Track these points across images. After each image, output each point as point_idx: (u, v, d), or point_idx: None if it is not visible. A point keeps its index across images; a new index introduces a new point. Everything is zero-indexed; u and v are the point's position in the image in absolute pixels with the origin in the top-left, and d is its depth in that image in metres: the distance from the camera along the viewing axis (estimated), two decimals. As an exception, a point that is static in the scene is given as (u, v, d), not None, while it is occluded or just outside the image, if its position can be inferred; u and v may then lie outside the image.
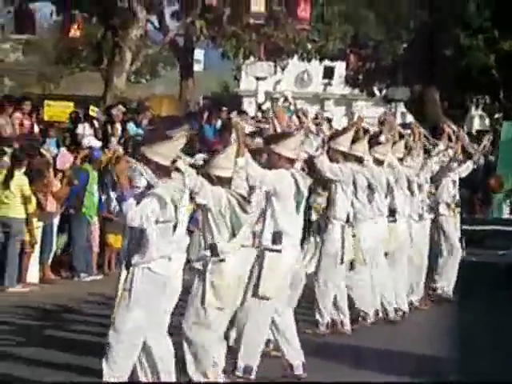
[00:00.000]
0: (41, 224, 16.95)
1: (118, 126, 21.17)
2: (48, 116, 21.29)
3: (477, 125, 33.84)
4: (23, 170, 16.28)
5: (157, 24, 26.83)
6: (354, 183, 12.86)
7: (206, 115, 24.27)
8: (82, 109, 21.99)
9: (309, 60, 30.51)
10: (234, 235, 9.65)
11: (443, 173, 15.70)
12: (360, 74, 30.91)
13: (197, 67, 32.05)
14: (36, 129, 19.77)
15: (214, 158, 9.70)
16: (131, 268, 9.22)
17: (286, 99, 30.42)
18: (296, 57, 29.20)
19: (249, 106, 35.10)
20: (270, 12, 22.20)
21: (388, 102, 33.88)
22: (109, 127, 21.02)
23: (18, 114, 19.34)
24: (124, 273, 9.26)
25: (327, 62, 34.32)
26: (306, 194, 10.88)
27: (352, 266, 13.32)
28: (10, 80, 28.57)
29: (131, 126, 21.30)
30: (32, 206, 16.52)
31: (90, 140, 19.76)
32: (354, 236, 13.03)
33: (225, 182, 9.48)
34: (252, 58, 28.96)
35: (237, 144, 9.78)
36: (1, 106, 19.16)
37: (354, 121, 19.57)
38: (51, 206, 16.99)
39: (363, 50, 29.45)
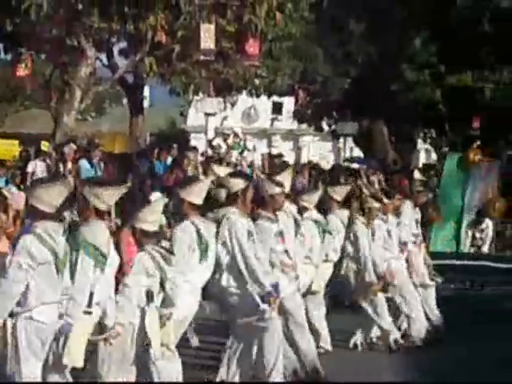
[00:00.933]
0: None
1: (69, 165, 21.12)
2: None
3: (423, 158, 33.46)
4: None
5: (105, 61, 26.86)
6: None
7: (156, 152, 24.40)
8: (29, 147, 22.61)
9: (257, 96, 30.57)
10: (163, 289, 9.94)
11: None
12: (308, 109, 30.57)
13: (146, 104, 32.33)
14: None
15: (140, 212, 9.75)
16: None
17: (235, 135, 31.06)
18: (244, 93, 29.03)
19: (197, 142, 34.99)
20: (220, 48, 21.97)
21: (336, 136, 33.55)
22: (61, 165, 21.09)
23: None
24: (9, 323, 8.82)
25: (275, 98, 33.94)
26: (211, 241, 10.98)
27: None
28: None
29: (84, 164, 21.19)
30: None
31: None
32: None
33: (150, 236, 9.57)
34: (201, 95, 28.89)
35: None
36: None
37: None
38: (4, 247, 17.23)
39: (311, 86, 29.07)
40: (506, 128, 27.60)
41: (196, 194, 10.21)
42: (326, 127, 32.93)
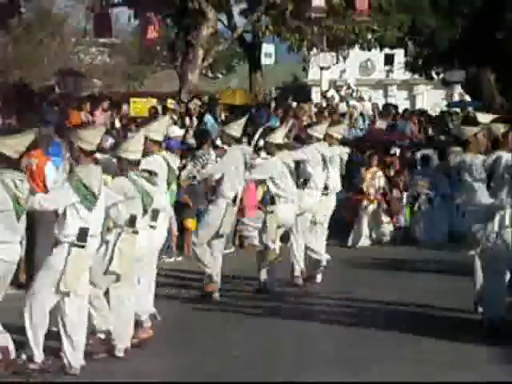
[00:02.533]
0: None
1: (195, 119, 21.82)
2: (134, 112, 22.08)
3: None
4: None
5: (226, 22, 27.70)
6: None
7: (273, 106, 24.83)
8: (161, 105, 22.58)
9: (369, 49, 30.26)
10: (145, 211, 10.55)
11: None
12: (418, 59, 30.32)
13: (268, 61, 31.68)
14: (117, 124, 20.26)
15: (124, 143, 10.45)
16: None
17: (348, 87, 31.52)
18: (357, 47, 29.00)
19: (316, 95, 35.19)
20: (330, 5, 21.71)
21: (446, 84, 33.65)
22: (187, 119, 21.76)
23: (98, 111, 19.83)
24: None
25: (387, 50, 34.04)
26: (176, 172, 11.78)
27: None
28: (98, 80, 28.54)
29: (209, 118, 21.91)
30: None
31: (174, 130, 19.60)
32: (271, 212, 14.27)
33: (133, 164, 10.22)
34: (315, 50, 29.25)
35: None
36: (85, 106, 19.69)
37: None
38: None
39: (420, 37, 28.81)
40: None
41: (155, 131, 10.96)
42: (435, 76, 33.25)
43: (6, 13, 21.33)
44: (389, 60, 35.06)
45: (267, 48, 30.34)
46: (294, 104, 24.98)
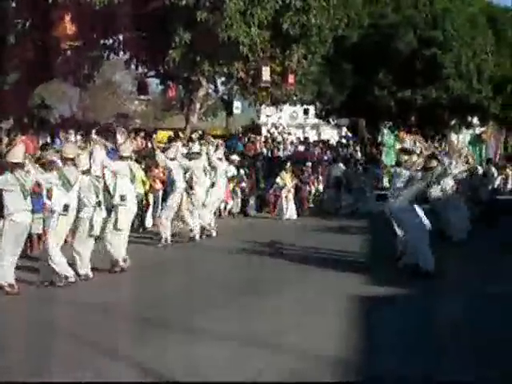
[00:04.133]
0: (152, 195, 16.97)
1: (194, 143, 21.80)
2: (158, 138, 21.45)
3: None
4: (142, 167, 16.29)
5: (213, 88, 26.85)
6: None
7: (239, 136, 25.55)
8: (174, 135, 21.02)
9: (295, 105, 30.11)
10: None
11: None
12: (322, 112, 29.97)
13: (237, 111, 31.74)
14: (149, 145, 19.23)
15: (10, 150, 9.80)
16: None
17: (283, 127, 31.48)
18: (287, 104, 28.30)
19: (264, 131, 34.58)
20: (273, 80, 20.40)
21: (338, 126, 33.24)
22: (189, 144, 19.85)
23: (138, 138, 19.74)
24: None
25: (305, 106, 32.03)
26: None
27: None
28: (138, 120, 28.73)
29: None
30: (146, 186, 16.60)
31: (181, 149, 18.47)
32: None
33: (18, 166, 9.49)
34: (264, 105, 28.42)
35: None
36: (130, 134, 18.11)
37: None
38: (158, 185, 16.95)
39: (323, 99, 27.95)
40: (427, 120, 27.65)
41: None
42: (331, 121, 31.69)
43: (86, 79, 20.79)
44: (306, 112, 34.56)
45: (236, 104, 30.12)
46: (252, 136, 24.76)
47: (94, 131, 12.80)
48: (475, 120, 29.64)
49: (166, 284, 10.24)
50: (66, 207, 10.02)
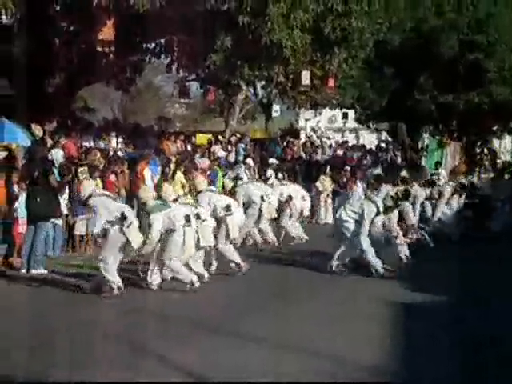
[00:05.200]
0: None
1: (234, 147, 21.68)
2: (198, 142, 22.16)
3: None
4: (182, 169, 16.24)
5: (252, 91, 27.16)
6: None
7: (279, 139, 25.13)
8: (214, 138, 22.71)
9: (334, 109, 30.41)
10: None
11: None
12: (362, 116, 29.28)
13: (275, 114, 31.66)
14: (189, 148, 20.09)
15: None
16: None
17: (321, 131, 31.45)
18: (327, 108, 28.83)
19: (302, 135, 34.48)
20: (312, 84, 20.67)
21: (377, 131, 32.69)
22: (229, 147, 21.73)
23: (178, 141, 19.74)
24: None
25: (344, 110, 32.91)
26: None
27: None
28: (178, 123, 28.95)
29: (241, 146, 21.78)
30: (186, 189, 15.60)
31: (220, 153, 20.33)
32: None
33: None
34: (303, 109, 28.94)
35: None
36: (170, 137, 19.32)
37: None
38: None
39: (363, 103, 27.39)
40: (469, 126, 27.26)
41: None
42: (371, 126, 31.06)
43: (128, 82, 21.13)
44: (345, 116, 34.21)
45: (275, 107, 30.05)
46: (291, 140, 24.78)
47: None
48: (518, 125, 29.49)
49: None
50: (187, 218, 10.07)
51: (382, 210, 11.32)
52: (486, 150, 27.91)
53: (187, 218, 10.14)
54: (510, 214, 16.26)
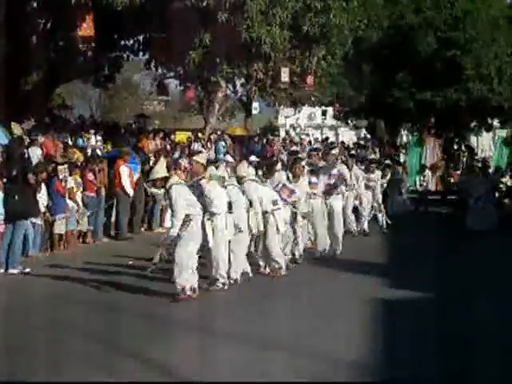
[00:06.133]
0: None
1: (213, 145, 21.67)
2: (178, 139, 21.95)
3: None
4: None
5: (232, 89, 26.90)
6: None
7: (257, 138, 25.07)
8: (194, 135, 22.54)
9: (313, 106, 30.63)
10: None
11: None
12: (341, 113, 29.83)
13: (255, 112, 31.53)
14: (168, 147, 19.80)
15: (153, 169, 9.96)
16: None
17: (300, 128, 31.58)
18: (306, 105, 28.74)
19: (282, 132, 34.54)
20: (292, 81, 20.79)
21: (356, 128, 32.80)
22: (208, 144, 21.58)
23: (158, 139, 19.48)
24: None
25: (323, 107, 33.31)
26: None
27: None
28: (157, 121, 28.64)
29: (221, 144, 21.78)
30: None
31: (199, 148, 19.73)
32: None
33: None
34: (282, 106, 28.99)
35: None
36: (149, 135, 19.15)
37: None
38: None
39: (342, 100, 27.88)
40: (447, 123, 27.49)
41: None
42: (350, 122, 31.45)
43: (106, 80, 21.05)
44: (324, 113, 34.28)
45: (255, 105, 29.95)
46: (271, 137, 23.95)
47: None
48: (495, 122, 29.47)
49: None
50: (229, 205, 9.76)
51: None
52: (463, 147, 28.40)
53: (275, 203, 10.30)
54: (483, 211, 16.36)
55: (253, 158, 19.36)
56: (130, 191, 15.17)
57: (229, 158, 17.29)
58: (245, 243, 10.38)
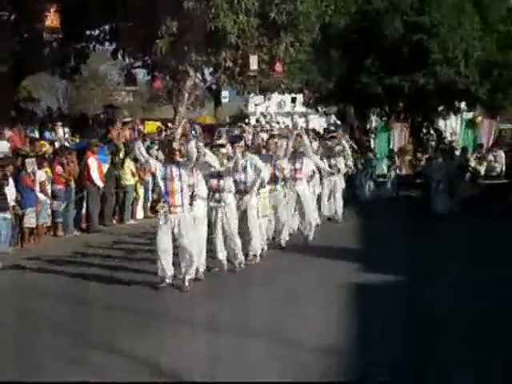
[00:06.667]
0: (142, 187, 16.87)
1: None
2: (147, 130, 21.96)
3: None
4: (132, 157, 15.77)
5: (200, 77, 25.85)
6: None
7: (228, 126, 24.48)
8: (164, 125, 22.09)
9: (283, 93, 29.74)
10: None
11: None
12: (310, 100, 29.29)
13: (225, 100, 31.33)
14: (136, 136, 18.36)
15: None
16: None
17: (271, 116, 31.84)
18: (276, 92, 27.83)
19: (252, 120, 34.48)
20: (261, 69, 20.51)
21: (326, 114, 32.70)
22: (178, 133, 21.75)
23: (127, 129, 19.28)
24: None
25: (293, 95, 31.67)
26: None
27: None
28: (126, 111, 28.35)
29: (192, 134, 21.05)
30: (136, 177, 16.50)
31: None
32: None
33: None
34: (252, 94, 28.49)
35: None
36: (120, 126, 18.87)
37: None
38: (147, 176, 16.62)
39: (311, 87, 27.14)
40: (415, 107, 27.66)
41: None
42: (320, 109, 30.98)
43: (72, 71, 20.83)
44: (293, 100, 34.30)
45: (224, 93, 29.92)
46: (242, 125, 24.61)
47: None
48: (463, 105, 29.41)
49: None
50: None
51: None
52: (431, 131, 28.73)
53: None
54: (444, 194, 16.72)
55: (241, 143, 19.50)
56: (100, 183, 15.08)
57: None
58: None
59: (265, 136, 18.53)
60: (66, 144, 16.27)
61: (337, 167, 15.10)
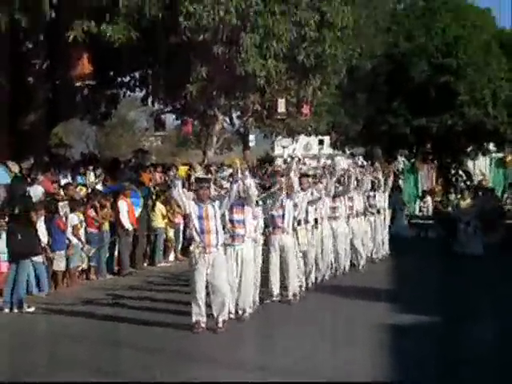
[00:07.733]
0: (172, 229, 16.97)
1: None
2: (180, 174, 21.75)
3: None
4: (162, 200, 16.43)
5: (229, 121, 27.25)
6: None
7: (256, 168, 24.45)
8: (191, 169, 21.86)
9: (310, 136, 30.70)
10: None
11: None
12: (337, 142, 29.81)
13: (252, 143, 31.52)
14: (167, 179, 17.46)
15: None
16: None
17: (298, 158, 31.69)
18: (303, 135, 28.98)
19: (280, 162, 34.43)
20: (288, 112, 20.78)
21: (353, 156, 33.43)
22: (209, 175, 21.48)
23: (157, 173, 19.17)
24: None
25: (320, 137, 33.49)
26: None
27: None
28: (154, 156, 28.63)
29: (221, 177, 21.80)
30: (166, 220, 16.62)
31: None
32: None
33: None
34: (280, 136, 29.26)
35: None
36: (149, 169, 18.96)
37: None
38: (177, 219, 16.78)
39: (339, 129, 28.04)
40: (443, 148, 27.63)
41: None
42: (347, 151, 31.05)
43: (102, 117, 21.04)
44: (321, 142, 34.34)
45: (251, 137, 30.04)
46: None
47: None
48: (491, 146, 29.55)
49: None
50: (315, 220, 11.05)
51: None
52: (460, 172, 28.58)
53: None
54: (473, 235, 16.56)
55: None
56: (129, 226, 15.10)
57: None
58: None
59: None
60: (99, 187, 16.35)
61: (375, 207, 15.14)
